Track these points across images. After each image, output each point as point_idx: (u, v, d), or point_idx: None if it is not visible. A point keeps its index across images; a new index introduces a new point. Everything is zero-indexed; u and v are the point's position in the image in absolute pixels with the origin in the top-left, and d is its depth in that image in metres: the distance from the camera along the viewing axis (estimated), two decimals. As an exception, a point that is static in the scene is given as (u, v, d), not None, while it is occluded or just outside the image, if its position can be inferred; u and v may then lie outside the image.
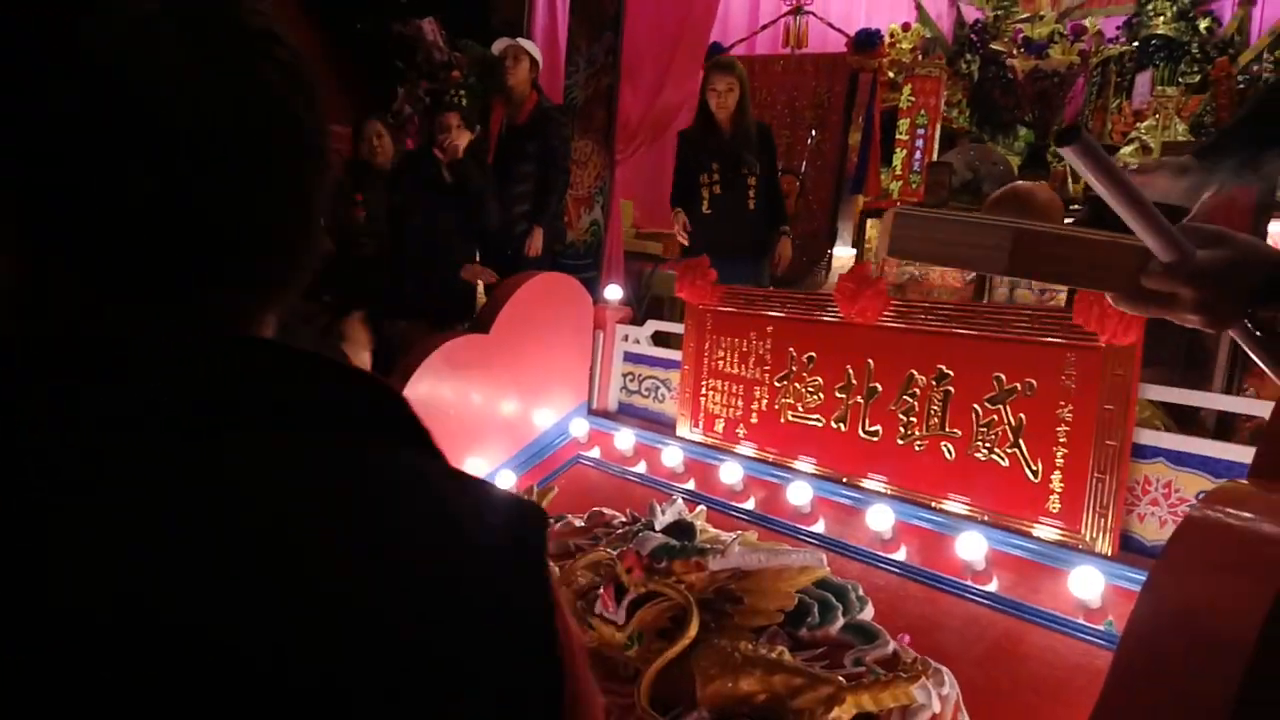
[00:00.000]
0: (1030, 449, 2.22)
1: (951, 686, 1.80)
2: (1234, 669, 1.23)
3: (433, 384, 3.05)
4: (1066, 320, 2.16)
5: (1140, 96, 5.91)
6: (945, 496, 2.37)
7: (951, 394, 2.38)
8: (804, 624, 2.02)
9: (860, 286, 2.56)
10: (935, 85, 5.67)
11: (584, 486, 3.03)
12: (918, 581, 2.20)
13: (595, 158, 5.65)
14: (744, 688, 1.82)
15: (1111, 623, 1.88)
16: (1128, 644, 1.51)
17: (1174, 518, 2.03)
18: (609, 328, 3.46)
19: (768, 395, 2.83)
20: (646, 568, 2.03)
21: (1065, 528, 2.14)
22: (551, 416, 3.36)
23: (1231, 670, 1.23)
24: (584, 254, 5.61)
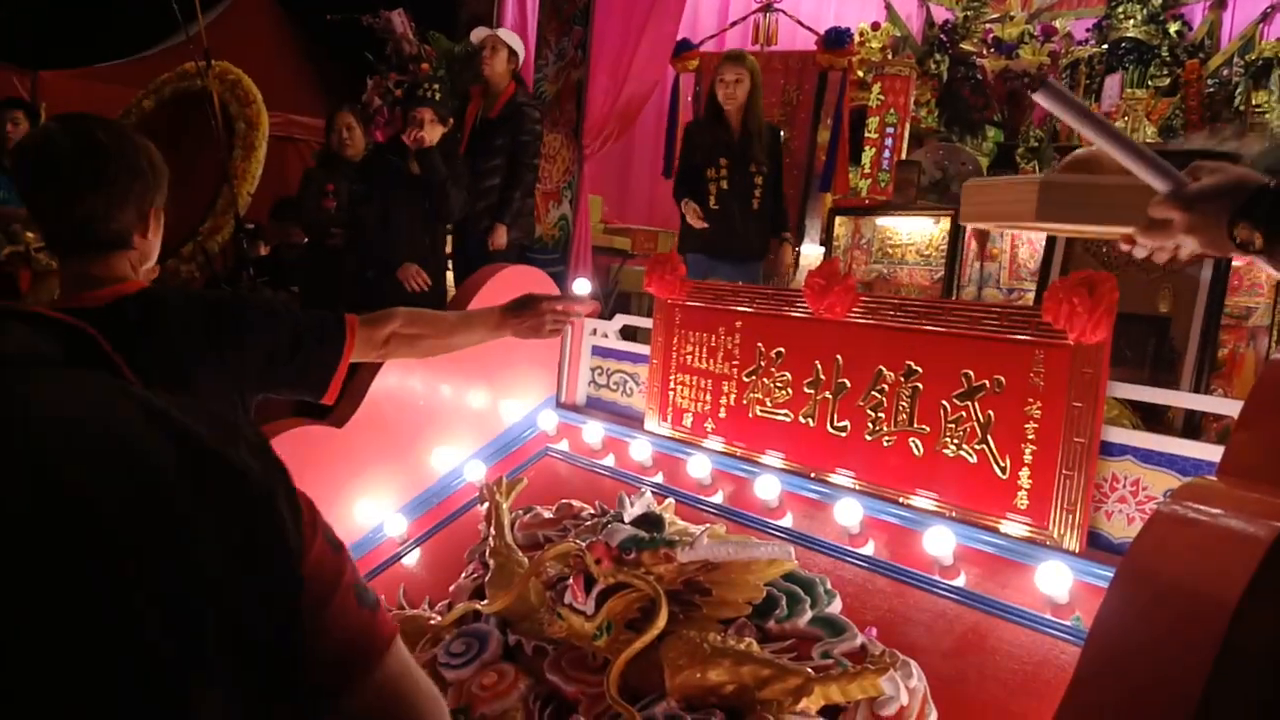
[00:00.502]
0: (998, 445, 2.23)
1: (919, 679, 1.81)
2: (1201, 664, 1.24)
3: (400, 376, 3.02)
4: (1035, 318, 2.17)
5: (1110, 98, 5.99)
6: (913, 492, 2.38)
7: (920, 390, 2.39)
8: (772, 616, 2.02)
9: (829, 283, 2.56)
10: (905, 84, 5.71)
11: (553, 479, 3.02)
12: (885, 576, 2.21)
13: (564, 152, 5.61)
14: (712, 678, 1.82)
15: (1079, 618, 1.90)
16: (1095, 638, 1.52)
17: (1142, 515, 2.05)
18: (577, 322, 3.44)
19: (736, 390, 2.83)
20: (615, 559, 2.02)
21: (1033, 524, 2.16)
22: (520, 409, 3.34)
23: (1198, 665, 1.24)
24: (552, 248, 5.58)
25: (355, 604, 0.72)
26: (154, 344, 1.65)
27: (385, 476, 2.97)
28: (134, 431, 0.60)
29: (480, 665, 2.16)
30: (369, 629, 0.73)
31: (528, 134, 4.67)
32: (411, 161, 4.08)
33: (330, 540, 0.72)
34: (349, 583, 0.72)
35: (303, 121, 7.04)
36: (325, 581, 0.69)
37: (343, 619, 0.70)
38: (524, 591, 2.25)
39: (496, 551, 2.42)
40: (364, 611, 0.73)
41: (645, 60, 5.43)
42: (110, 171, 1.62)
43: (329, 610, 0.69)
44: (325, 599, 0.69)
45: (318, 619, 0.68)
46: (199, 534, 0.58)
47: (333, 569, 0.70)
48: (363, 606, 0.73)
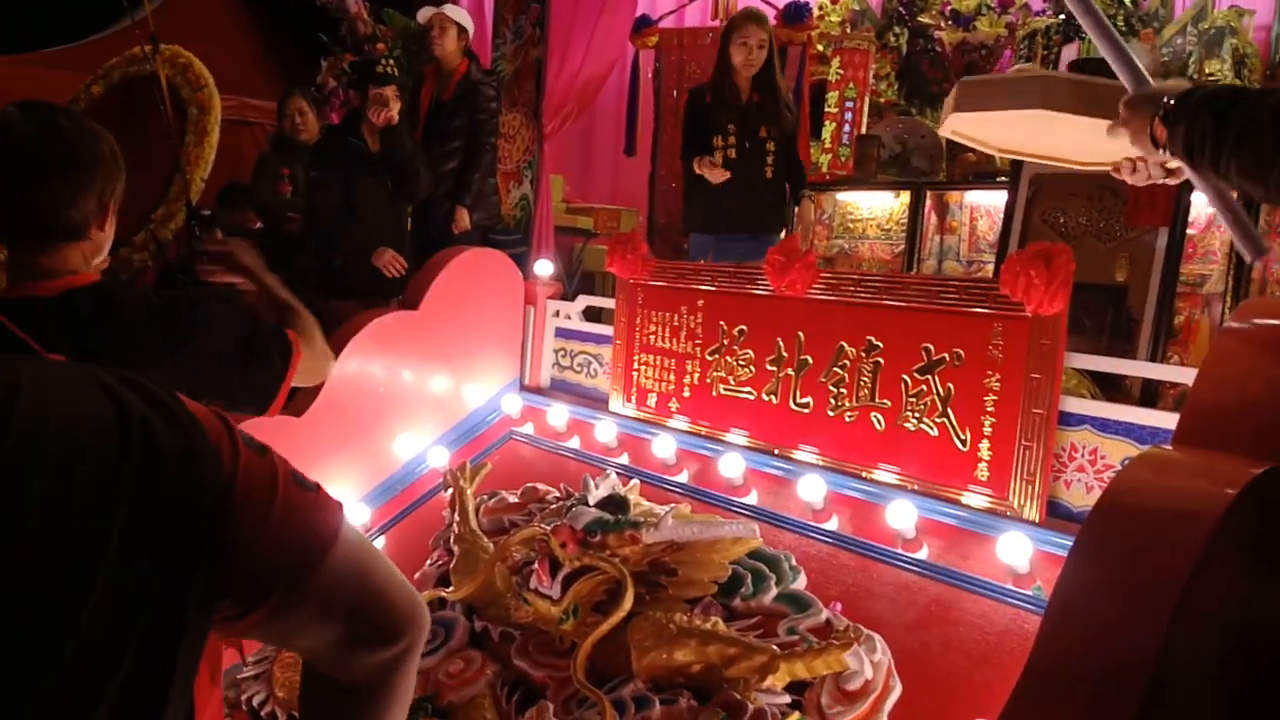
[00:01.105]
0: (959, 418, 2.25)
1: (884, 653, 1.82)
2: (1157, 630, 1.26)
3: (361, 361, 2.98)
4: (994, 291, 2.18)
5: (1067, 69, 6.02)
6: (875, 466, 2.39)
7: (881, 365, 2.40)
8: (738, 594, 2.03)
9: (790, 259, 2.56)
10: (864, 58, 5.69)
11: (518, 462, 3.00)
12: (849, 550, 2.22)
13: (524, 131, 5.55)
14: (679, 658, 1.82)
15: (1040, 587, 1.92)
16: (1055, 608, 1.54)
17: (1100, 484, 2.07)
18: (540, 303, 3.42)
19: (699, 369, 2.83)
20: (581, 542, 2.01)
21: (994, 495, 2.18)
22: (484, 393, 3.32)
23: (1155, 632, 1.26)
24: (513, 229, 5.52)
25: (298, 491, 0.79)
26: (106, 336, 1.61)
27: (346, 465, 2.94)
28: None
29: (447, 653, 2.15)
30: (318, 505, 0.81)
31: (484, 112, 4.58)
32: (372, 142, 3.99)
33: (254, 447, 0.79)
34: (285, 475, 0.79)
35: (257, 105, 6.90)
36: (263, 483, 0.77)
37: (291, 507, 0.78)
38: (490, 577, 2.24)
39: (461, 538, 2.40)
40: (308, 495, 0.80)
41: (604, 38, 5.37)
42: (74, 159, 1.57)
43: (276, 508, 0.76)
44: (269, 495, 0.76)
45: (269, 516, 0.75)
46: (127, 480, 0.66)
47: (265, 472, 0.78)
48: (305, 491, 0.80)
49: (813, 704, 1.76)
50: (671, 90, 5.96)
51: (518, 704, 1.98)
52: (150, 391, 0.72)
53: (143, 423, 0.68)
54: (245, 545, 0.73)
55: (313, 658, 0.88)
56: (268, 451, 0.80)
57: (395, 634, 0.87)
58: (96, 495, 0.63)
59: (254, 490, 0.75)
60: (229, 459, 0.74)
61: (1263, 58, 5.52)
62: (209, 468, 0.72)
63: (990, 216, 4.99)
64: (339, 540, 0.81)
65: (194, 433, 0.72)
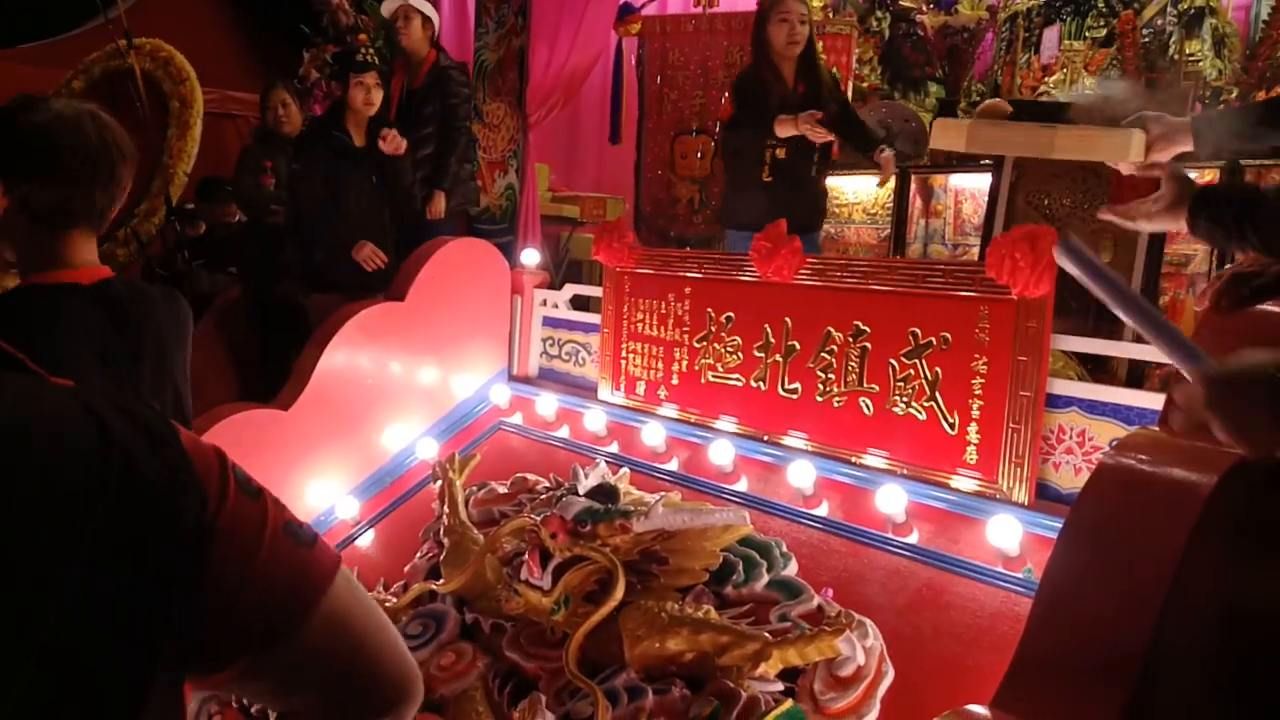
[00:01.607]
0: (947, 402, 2.25)
1: (875, 638, 1.83)
2: (1149, 611, 1.26)
3: (349, 354, 2.97)
4: (980, 274, 2.18)
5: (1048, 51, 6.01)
6: (865, 451, 2.39)
7: (869, 350, 2.40)
8: (729, 582, 2.03)
9: (776, 245, 2.55)
10: (846, 43, 5.68)
11: (507, 453, 2.99)
12: (840, 536, 2.23)
13: (508, 121, 5.52)
14: (671, 647, 1.82)
15: (1030, 569, 1.92)
16: (1046, 589, 1.54)
17: (1088, 465, 2.08)
18: (527, 292, 3.41)
19: (688, 356, 2.82)
20: (571, 532, 2.01)
21: (983, 478, 2.18)
22: (472, 384, 3.31)
23: (1146, 610, 1.26)
24: (499, 219, 5.49)
25: (288, 543, 0.74)
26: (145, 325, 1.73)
27: (335, 458, 2.93)
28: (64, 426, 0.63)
29: (438, 646, 2.14)
30: (307, 565, 0.75)
31: (456, 97, 4.56)
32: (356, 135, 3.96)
33: (248, 491, 0.73)
34: (275, 525, 0.73)
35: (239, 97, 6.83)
36: (248, 532, 0.71)
37: (277, 560, 0.72)
38: (480, 569, 2.24)
39: (451, 530, 2.39)
40: (299, 549, 0.75)
41: (588, 26, 5.34)
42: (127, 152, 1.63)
43: (260, 555, 0.71)
44: (254, 546, 0.71)
45: (252, 565, 0.70)
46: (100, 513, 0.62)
47: (254, 517, 0.72)
48: (298, 544, 0.75)
49: (805, 691, 1.76)
50: (655, 77, 5.94)
51: (510, 696, 1.98)
52: (139, 416, 0.68)
53: (124, 448, 0.64)
54: (222, 591, 0.68)
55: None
56: (262, 496, 0.75)
57: (379, 709, 0.80)
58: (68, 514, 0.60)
59: (238, 533, 0.70)
60: (215, 496, 0.70)
61: (1242, 37, 5.53)
62: (190, 501, 0.68)
63: (975, 199, 5.00)
64: (325, 599, 0.75)
65: (180, 463, 0.68)
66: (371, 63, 3.94)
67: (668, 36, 6.02)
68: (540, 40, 5.21)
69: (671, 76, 5.87)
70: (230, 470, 0.73)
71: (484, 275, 3.33)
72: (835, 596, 1.98)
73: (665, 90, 5.87)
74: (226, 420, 2.63)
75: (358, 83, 3.87)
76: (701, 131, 5.96)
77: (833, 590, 2.01)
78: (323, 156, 3.92)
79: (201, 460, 0.71)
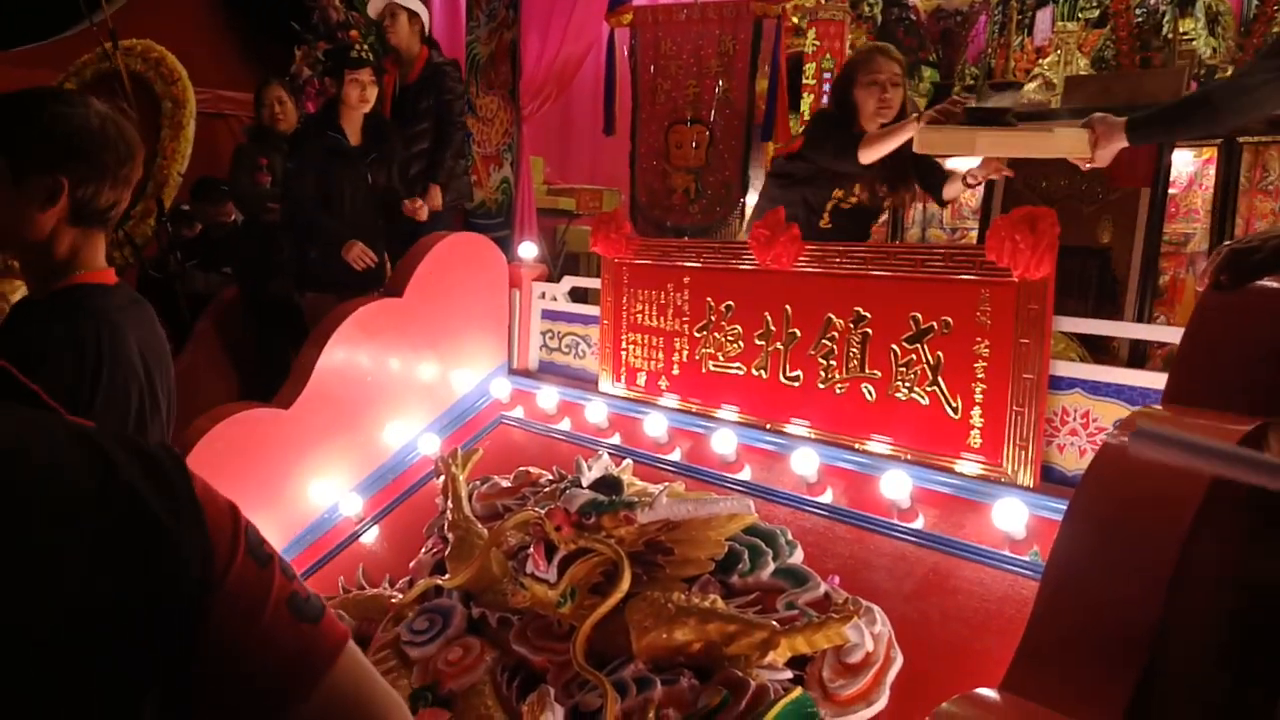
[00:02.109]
0: (949, 386, 2.24)
1: (883, 624, 1.82)
2: (1156, 590, 1.26)
3: (348, 351, 2.96)
4: (980, 257, 2.17)
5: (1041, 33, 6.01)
6: (868, 437, 2.38)
7: (870, 336, 2.39)
8: (735, 571, 2.02)
9: (775, 233, 2.54)
10: (839, 29, 5.66)
11: (509, 447, 2.99)
12: (845, 523, 2.22)
13: (501, 114, 5.50)
14: (679, 637, 1.82)
15: (1036, 552, 1.92)
16: (1053, 571, 1.54)
17: (1093, 447, 2.07)
18: (525, 286, 3.40)
19: (688, 346, 2.82)
20: (575, 524, 2.00)
21: (987, 462, 2.18)
22: (472, 378, 3.30)
23: (1154, 591, 1.26)
24: (495, 213, 5.48)
25: (290, 619, 0.69)
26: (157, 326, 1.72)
27: (337, 455, 2.92)
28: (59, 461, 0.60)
29: (445, 641, 2.14)
30: (308, 643, 0.70)
31: (451, 93, 4.56)
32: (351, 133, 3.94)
33: (257, 556, 0.69)
34: (279, 598, 0.69)
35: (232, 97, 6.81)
36: (250, 599, 0.67)
37: (276, 635, 0.68)
38: (485, 563, 2.23)
39: (455, 525, 2.39)
40: (302, 626, 0.70)
41: (579, 17, 5.32)
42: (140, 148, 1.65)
43: (258, 627, 0.67)
44: (253, 616, 0.67)
45: (248, 635, 0.66)
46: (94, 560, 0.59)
47: (258, 586, 0.68)
48: (301, 620, 0.70)
49: (814, 678, 1.76)
50: (648, 67, 5.91)
51: (518, 689, 1.97)
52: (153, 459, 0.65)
53: (129, 489, 0.62)
54: (214, 661, 0.64)
55: None
56: (271, 564, 0.70)
57: None
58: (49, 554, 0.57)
59: (240, 599, 0.66)
60: (224, 558, 0.66)
61: (1236, 15, 5.52)
62: (197, 556, 0.64)
63: (973, 183, 4.97)
64: (326, 680, 0.70)
65: (191, 515, 0.65)
66: (366, 59, 3.93)
67: (660, 26, 5.99)
68: (532, 32, 5.19)
69: (665, 66, 5.84)
70: (243, 530, 0.69)
71: (481, 269, 3.33)
72: (842, 583, 1.98)
73: (659, 80, 5.85)
74: (228, 420, 2.63)
75: (353, 79, 3.86)
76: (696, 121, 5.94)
77: (839, 577, 2.00)
78: (317, 155, 3.91)
79: (214, 513, 0.67)
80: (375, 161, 3.96)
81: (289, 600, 0.70)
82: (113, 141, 1.54)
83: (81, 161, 1.51)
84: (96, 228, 1.60)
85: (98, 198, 1.54)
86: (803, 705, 1.69)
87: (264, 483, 2.74)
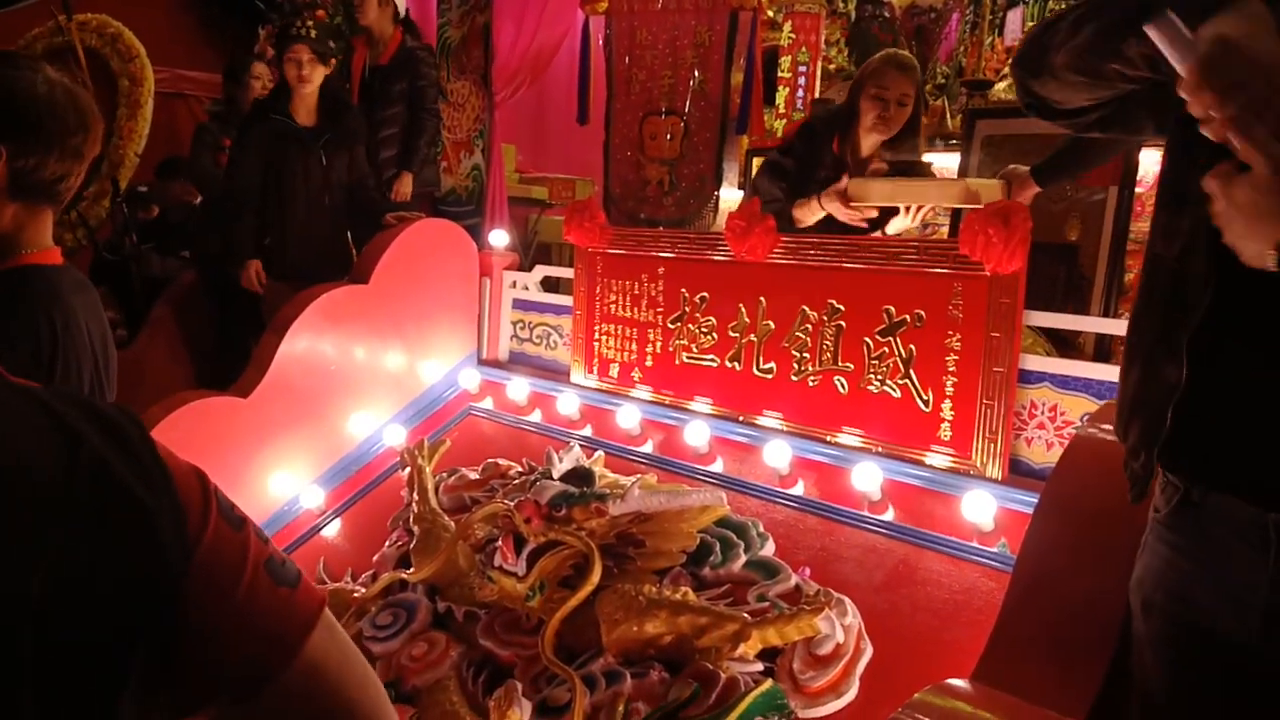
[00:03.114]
0: (921, 379, 2.24)
1: (854, 615, 1.82)
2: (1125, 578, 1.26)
3: (311, 339, 2.90)
4: (953, 251, 2.17)
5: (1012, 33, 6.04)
6: (840, 430, 2.38)
7: (843, 328, 2.38)
8: (706, 563, 2.01)
9: (750, 224, 2.52)
10: (815, 22, 5.66)
11: (478, 438, 2.95)
12: (816, 514, 2.21)
13: (473, 99, 5.44)
14: (650, 630, 1.80)
15: (1005, 544, 1.92)
16: (1024, 564, 1.54)
17: (1060, 440, 2.08)
18: (496, 275, 3.36)
19: (661, 337, 2.79)
20: (546, 517, 1.97)
21: (957, 455, 2.18)
22: (440, 368, 3.25)
23: (1123, 581, 1.26)
24: (465, 200, 5.42)
25: (269, 583, 0.68)
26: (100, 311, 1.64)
27: (298, 446, 2.87)
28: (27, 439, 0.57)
29: (409, 636, 2.10)
30: (288, 606, 0.69)
31: (424, 79, 4.49)
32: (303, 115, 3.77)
33: (230, 519, 0.67)
34: (257, 560, 0.68)
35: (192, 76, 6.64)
36: (228, 564, 0.66)
37: (256, 600, 0.66)
38: (452, 556, 2.20)
39: (421, 517, 2.35)
40: (281, 590, 0.69)
41: (554, 4, 5.27)
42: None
43: (239, 592, 0.65)
44: (232, 582, 0.65)
45: (228, 601, 0.65)
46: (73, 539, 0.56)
47: (235, 549, 0.66)
48: (279, 584, 0.69)
49: (784, 670, 1.75)
50: (623, 57, 5.87)
51: (485, 684, 1.94)
52: (117, 427, 0.62)
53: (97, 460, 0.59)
54: (194, 630, 0.62)
55: None
56: (245, 527, 0.68)
57: None
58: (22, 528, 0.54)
59: (217, 568, 0.64)
60: (197, 523, 0.64)
61: None
62: (171, 526, 0.61)
63: (944, 179, 5.00)
64: (307, 647, 0.68)
65: (161, 483, 0.63)
66: (303, 35, 3.65)
67: (635, 15, 5.95)
68: (505, 16, 5.14)
69: (640, 56, 5.81)
70: (213, 494, 0.67)
71: (451, 257, 3.28)
72: (812, 575, 1.97)
73: (634, 70, 5.82)
74: (184, 408, 2.55)
75: (290, 58, 3.61)
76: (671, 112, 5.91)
77: (810, 569, 1.99)
78: (261, 139, 3.69)
79: (181, 476, 0.65)
80: (330, 143, 3.76)
81: (266, 563, 0.68)
82: (61, 110, 1.43)
83: (23, 129, 1.40)
84: (43, 203, 1.50)
85: (42, 169, 1.44)
86: (773, 697, 1.67)
87: (221, 474, 2.63)
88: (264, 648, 0.67)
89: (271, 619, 0.67)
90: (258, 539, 0.69)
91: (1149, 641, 1.16)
